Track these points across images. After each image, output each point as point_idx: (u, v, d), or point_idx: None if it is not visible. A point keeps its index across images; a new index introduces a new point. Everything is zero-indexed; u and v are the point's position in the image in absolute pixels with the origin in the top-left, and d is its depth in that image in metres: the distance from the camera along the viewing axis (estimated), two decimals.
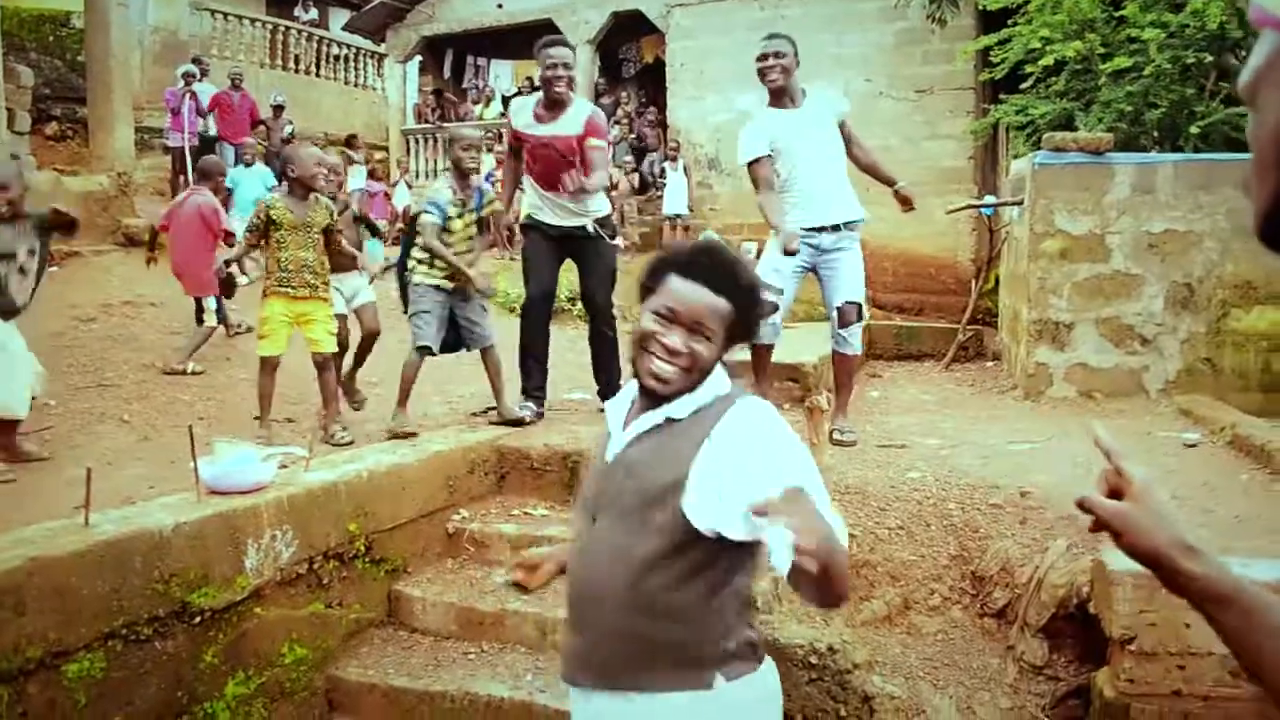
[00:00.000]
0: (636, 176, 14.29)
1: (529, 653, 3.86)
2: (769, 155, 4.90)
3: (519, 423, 5.07)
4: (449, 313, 5.09)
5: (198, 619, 3.30)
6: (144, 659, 3.14)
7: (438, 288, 5.04)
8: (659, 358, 1.77)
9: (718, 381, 1.85)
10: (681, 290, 1.77)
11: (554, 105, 5.13)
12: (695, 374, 1.78)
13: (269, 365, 5.09)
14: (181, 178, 11.74)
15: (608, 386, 5.32)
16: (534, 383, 5.34)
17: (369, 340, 5.82)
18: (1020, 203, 6.96)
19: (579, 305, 10.69)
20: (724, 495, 1.69)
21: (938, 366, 8.27)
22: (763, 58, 4.94)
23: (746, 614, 1.86)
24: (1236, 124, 7.36)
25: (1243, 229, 6.04)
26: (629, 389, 1.94)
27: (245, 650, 3.48)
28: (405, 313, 5.21)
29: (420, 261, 5.05)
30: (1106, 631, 3.24)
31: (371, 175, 14.15)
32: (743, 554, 1.77)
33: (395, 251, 5.95)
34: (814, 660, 3.49)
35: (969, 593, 3.91)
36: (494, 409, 5.30)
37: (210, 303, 7.13)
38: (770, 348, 5.19)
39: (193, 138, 12.16)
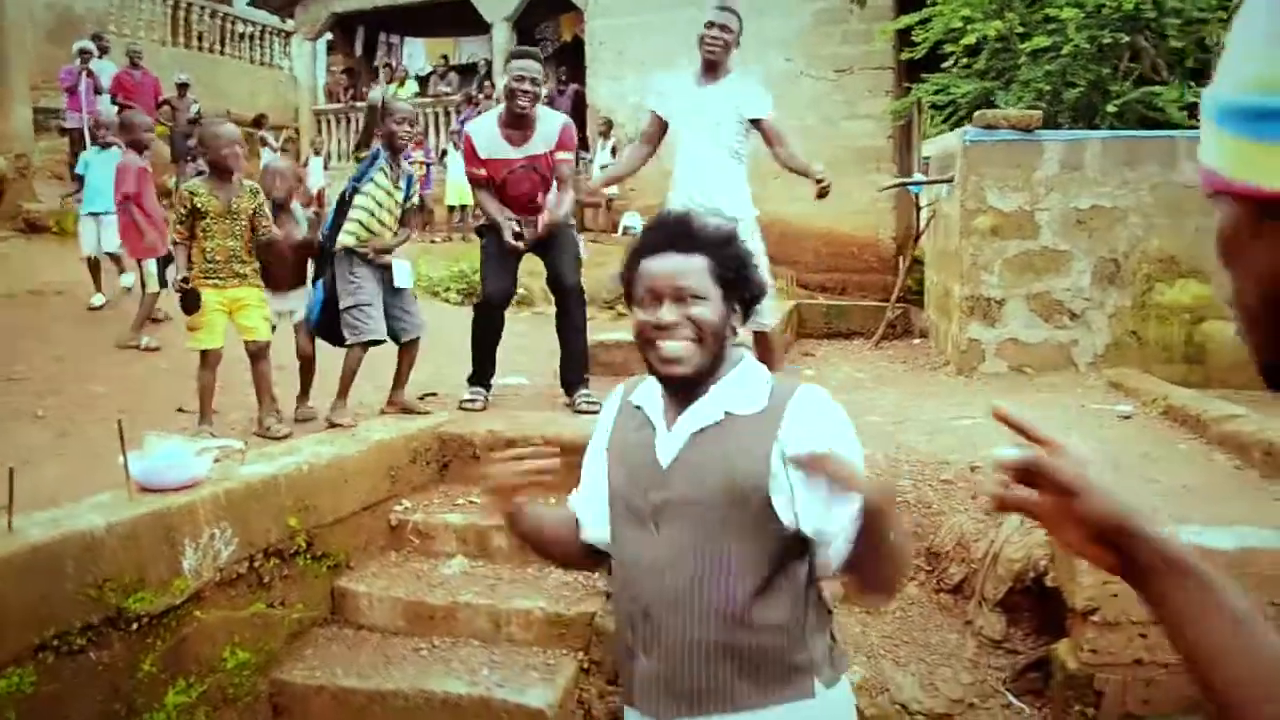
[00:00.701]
0: None
1: (483, 646, 3.75)
2: (663, 117, 4.96)
3: (421, 413, 4.91)
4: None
5: (135, 625, 3.10)
6: (78, 671, 2.94)
7: (369, 264, 4.75)
8: (661, 340, 1.67)
9: (756, 369, 1.76)
10: (652, 267, 1.70)
11: (520, 122, 4.86)
12: (708, 341, 1.67)
13: (209, 360, 4.75)
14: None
15: (572, 375, 5.16)
16: (486, 374, 5.20)
17: (309, 362, 5.26)
18: (950, 180, 7.03)
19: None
20: (799, 486, 1.61)
21: (867, 344, 8.33)
22: (709, 25, 4.88)
23: (828, 617, 1.76)
24: (1149, 103, 7.55)
25: (1166, 204, 6.20)
26: (650, 388, 1.81)
27: (185, 656, 3.30)
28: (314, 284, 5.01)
29: (351, 233, 4.76)
30: (1069, 603, 3.27)
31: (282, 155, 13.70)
32: (813, 552, 1.67)
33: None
34: None
35: (924, 569, 3.92)
36: (432, 394, 5.13)
37: (151, 266, 7.00)
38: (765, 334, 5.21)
39: (91, 118, 11.57)
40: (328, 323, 4.91)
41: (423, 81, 17.17)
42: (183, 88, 13.12)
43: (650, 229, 1.77)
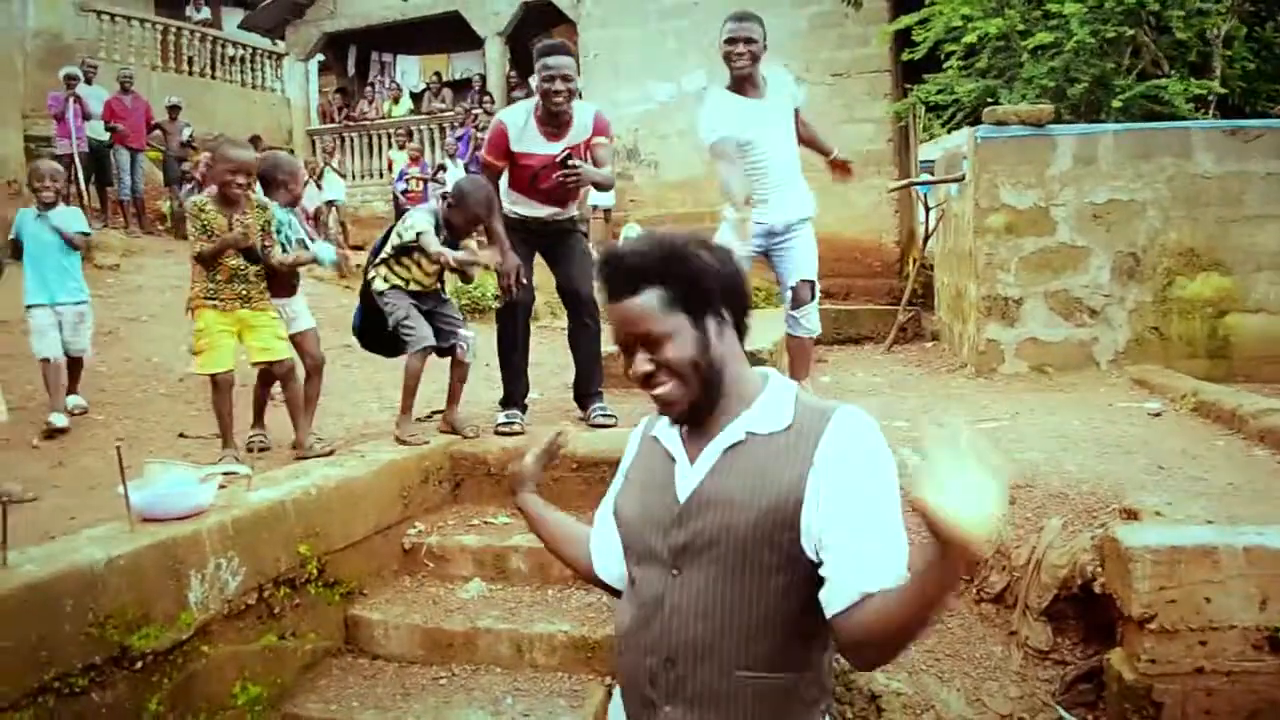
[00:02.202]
0: None
1: (505, 673, 3.57)
2: (733, 140, 4.68)
3: (468, 436, 4.72)
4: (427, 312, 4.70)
5: (139, 664, 2.93)
6: (81, 713, 2.77)
7: (401, 290, 4.64)
8: (649, 389, 1.58)
9: (781, 385, 1.62)
10: (613, 316, 1.58)
11: (556, 118, 4.61)
12: (690, 376, 1.54)
13: (220, 384, 4.50)
14: (73, 186, 11.03)
15: (585, 388, 5.00)
16: (521, 390, 4.96)
17: (313, 372, 5.01)
18: (960, 179, 6.89)
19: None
20: (822, 513, 1.47)
21: (879, 349, 8.19)
22: (732, 41, 4.64)
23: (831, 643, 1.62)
24: (1156, 97, 7.44)
25: (1184, 196, 6.07)
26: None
27: (194, 694, 3.13)
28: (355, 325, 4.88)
29: (383, 263, 4.64)
30: (1124, 611, 3.10)
31: None
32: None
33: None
34: None
35: (963, 579, 3.75)
36: (440, 413, 4.97)
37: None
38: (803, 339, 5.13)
39: (80, 143, 11.44)
40: (368, 335, 4.85)
41: (416, 98, 17.06)
42: (174, 111, 13.02)
43: (601, 272, 1.60)
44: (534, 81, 4.74)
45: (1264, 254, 6.05)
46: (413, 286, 4.68)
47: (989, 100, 8.10)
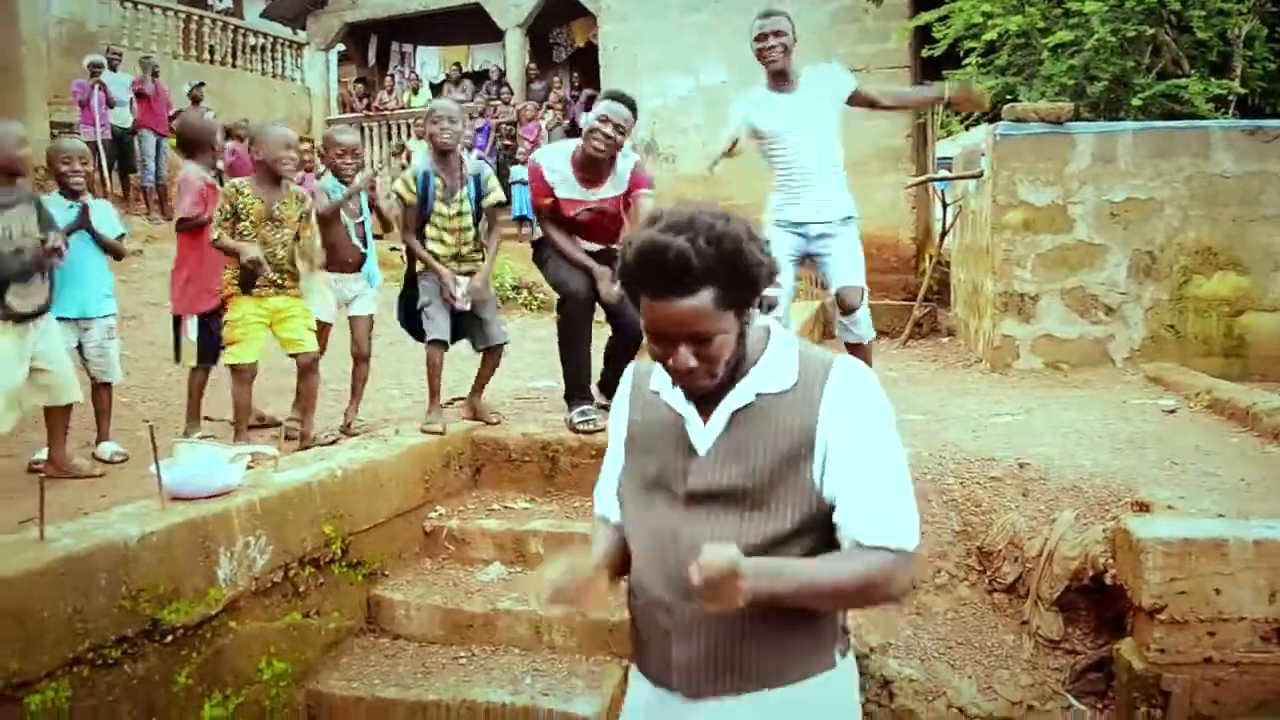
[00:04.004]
0: None
1: (524, 654, 3.64)
2: (747, 125, 4.70)
3: (490, 422, 4.77)
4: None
5: (169, 637, 3.01)
6: (113, 684, 2.85)
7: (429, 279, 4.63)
8: (684, 379, 1.60)
9: (782, 341, 1.67)
10: (659, 311, 1.54)
11: (593, 165, 4.45)
12: (726, 365, 1.59)
13: (243, 375, 4.44)
14: (97, 173, 11.15)
15: (612, 380, 4.98)
16: (586, 386, 4.74)
17: (359, 363, 4.93)
18: (978, 176, 6.92)
19: (525, 294, 10.61)
20: (832, 457, 1.58)
21: (895, 344, 8.22)
22: (761, 37, 4.63)
23: None
24: (1176, 96, 7.44)
25: (1202, 195, 6.09)
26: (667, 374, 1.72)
27: (221, 668, 3.20)
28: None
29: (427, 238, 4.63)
30: (1134, 601, 3.15)
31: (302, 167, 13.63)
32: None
33: None
34: None
35: (975, 569, 3.81)
36: (460, 399, 5.03)
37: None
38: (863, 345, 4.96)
39: (104, 130, 11.55)
40: (407, 316, 4.84)
41: (436, 89, 17.11)
42: (195, 95, 13.09)
43: (641, 268, 1.53)
44: (583, 119, 4.66)
45: None
46: (442, 255, 4.63)
47: (1008, 97, 8.10)
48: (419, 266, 4.67)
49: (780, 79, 4.72)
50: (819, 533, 1.60)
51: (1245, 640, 3.04)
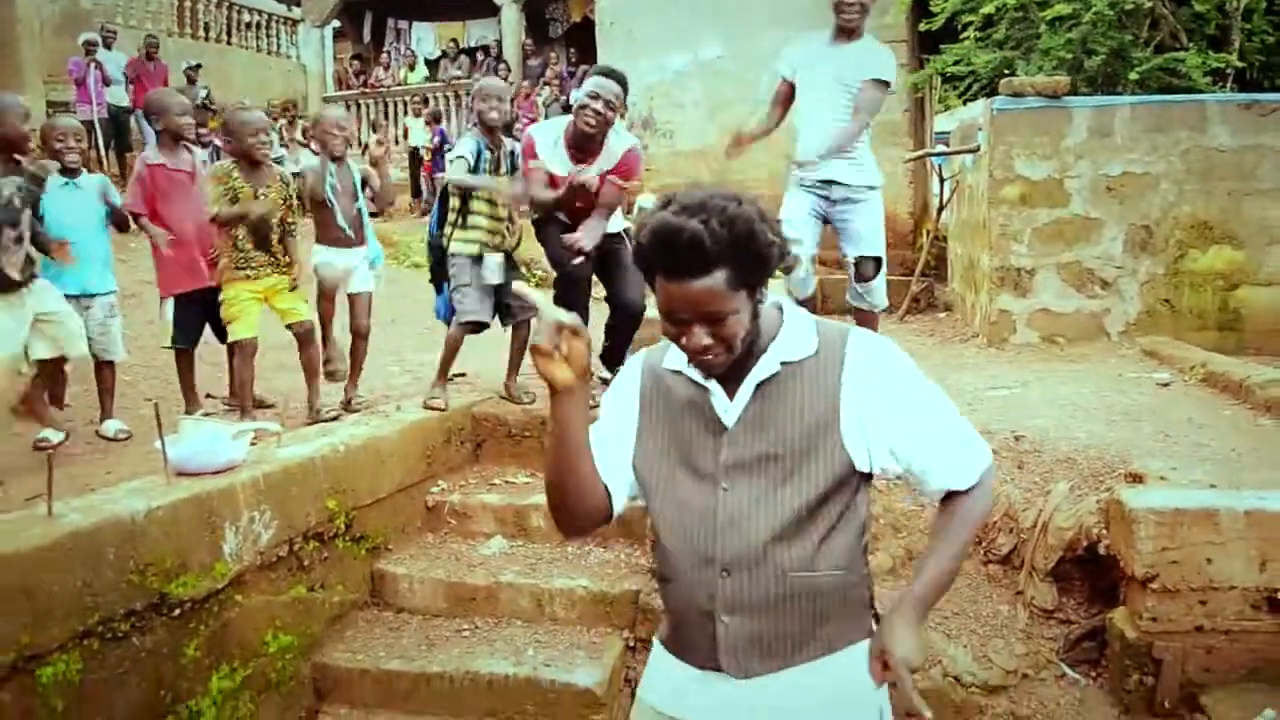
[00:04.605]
0: None
1: (526, 626, 3.71)
2: (787, 67, 4.70)
3: (520, 403, 4.76)
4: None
5: (177, 611, 3.07)
6: (122, 657, 2.90)
7: (472, 259, 4.60)
8: (698, 357, 1.62)
9: (797, 314, 1.71)
10: (673, 292, 1.56)
11: (585, 141, 4.47)
12: (741, 344, 1.61)
13: (245, 350, 4.45)
14: (93, 152, 11.14)
15: (616, 360, 4.94)
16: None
17: (359, 340, 4.88)
18: (975, 150, 6.93)
19: (523, 270, 10.60)
20: (865, 426, 1.64)
21: (892, 319, 8.24)
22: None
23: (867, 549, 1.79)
24: (1173, 70, 7.44)
25: (1198, 169, 6.10)
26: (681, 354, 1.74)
27: (228, 641, 3.26)
28: (431, 283, 4.91)
29: (455, 225, 4.62)
30: (1127, 571, 3.20)
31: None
32: (866, 486, 1.70)
33: None
34: None
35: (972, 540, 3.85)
36: (462, 375, 5.06)
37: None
38: (810, 302, 4.96)
39: (101, 108, 11.53)
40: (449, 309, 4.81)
41: (432, 65, 17.07)
42: (190, 78, 13.05)
43: (655, 249, 1.55)
44: (574, 96, 4.65)
45: (1276, 228, 6.07)
46: (482, 242, 4.61)
47: (1006, 72, 8.10)
48: (455, 248, 4.62)
49: (844, 35, 4.62)
50: (849, 493, 1.66)
51: (1236, 609, 3.09)
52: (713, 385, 1.68)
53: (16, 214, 4.04)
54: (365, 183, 4.85)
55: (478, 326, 4.61)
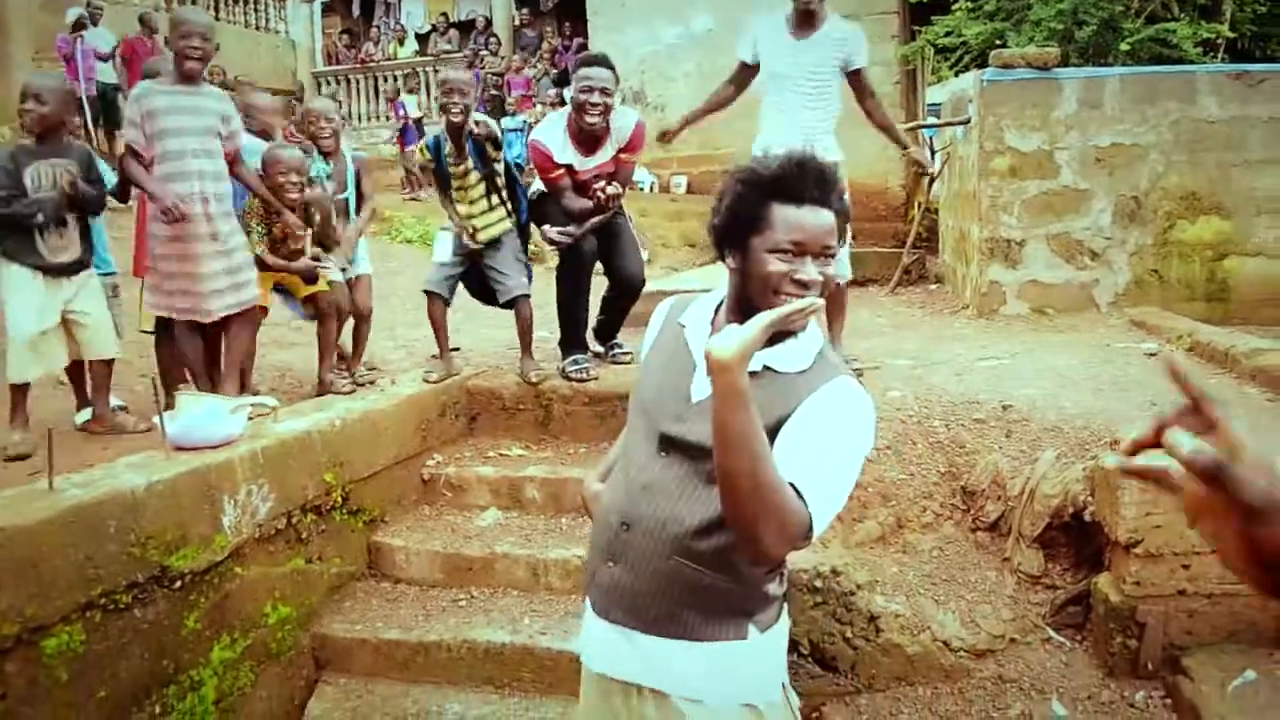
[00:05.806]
0: None
1: (522, 595, 3.76)
2: (754, 66, 4.65)
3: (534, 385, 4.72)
4: (469, 260, 4.66)
5: (178, 583, 3.11)
6: (125, 629, 2.95)
7: (451, 234, 4.64)
8: (800, 292, 1.61)
9: (813, 334, 1.73)
10: (798, 218, 1.60)
11: (591, 132, 4.49)
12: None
13: (250, 315, 4.41)
14: (82, 129, 11.06)
15: (610, 334, 5.05)
16: (582, 335, 4.83)
17: (361, 321, 4.92)
18: (965, 122, 6.95)
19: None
20: (789, 433, 1.59)
21: (883, 291, 8.29)
22: None
23: (783, 566, 1.81)
24: (1164, 40, 7.45)
25: (1187, 140, 6.13)
26: (701, 314, 1.79)
27: (229, 612, 3.31)
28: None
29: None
30: (1112, 536, 3.26)
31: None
32: None
33: None
34: (818, 584, 3.47)
35: (960, 508, 3.91)
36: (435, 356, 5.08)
37: None
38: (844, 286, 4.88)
39: (89, 85, 11.44)
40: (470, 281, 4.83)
41: (422, 40, 16.96)
42: None
43: (791, 171, 1.62)
44: (568, 93, 4.62)
45: (1264, 198, 6.12)
46: (464, 223, 4.60)
47: (997, 43, 8.10)
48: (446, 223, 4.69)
49: (806, 20, 4.51)
50: None
51: (1217, 573, 3.16)
52: (700, 358, 1.70)
53: (61, 200, 4.00)
54: (359, 173, 4.85)
55: (433, 296, 4.60)
